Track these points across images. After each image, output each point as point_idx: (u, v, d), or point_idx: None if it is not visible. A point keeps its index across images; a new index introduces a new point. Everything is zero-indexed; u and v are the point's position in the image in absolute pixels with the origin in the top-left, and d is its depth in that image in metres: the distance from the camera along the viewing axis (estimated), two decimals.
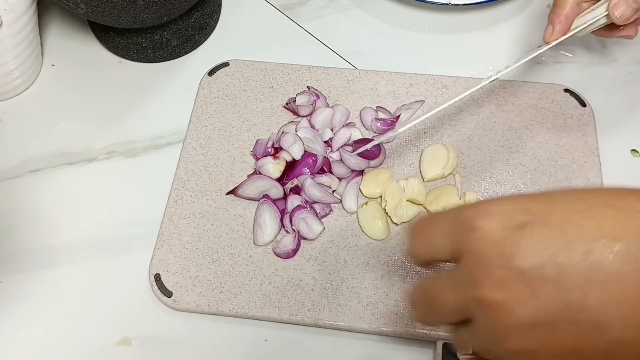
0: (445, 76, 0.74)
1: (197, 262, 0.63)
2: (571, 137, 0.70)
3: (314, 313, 0.60)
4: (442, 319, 0.41)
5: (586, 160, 0.68)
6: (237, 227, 0.65)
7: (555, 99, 0.72)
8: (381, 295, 0.61)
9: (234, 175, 0.69)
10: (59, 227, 0.67)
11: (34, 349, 0.61)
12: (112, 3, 0.67)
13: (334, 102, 0.73)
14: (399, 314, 0.60)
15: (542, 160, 0.68)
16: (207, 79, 0.76)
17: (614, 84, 0.75)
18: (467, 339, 0.40)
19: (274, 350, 0.60)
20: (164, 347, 0.60)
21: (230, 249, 0.64)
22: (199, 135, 0.71)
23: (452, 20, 0.82)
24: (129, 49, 0.78)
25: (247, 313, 0.60)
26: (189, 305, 0.61)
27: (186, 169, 0.69)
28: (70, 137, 0.73)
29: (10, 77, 0.74)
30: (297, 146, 0.68)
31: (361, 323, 0.60)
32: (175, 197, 0.67)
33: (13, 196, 0.69)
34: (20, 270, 0.65)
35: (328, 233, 0.65)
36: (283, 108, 0.73)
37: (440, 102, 0.71)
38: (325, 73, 0.75)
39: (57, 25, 0.83)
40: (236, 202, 0.67)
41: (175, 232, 0.65)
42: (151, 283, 0.62)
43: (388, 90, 0.74)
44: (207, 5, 0.81)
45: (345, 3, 0.85)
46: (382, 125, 0.70)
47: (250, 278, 0.62)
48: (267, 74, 0.76)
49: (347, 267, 0.63)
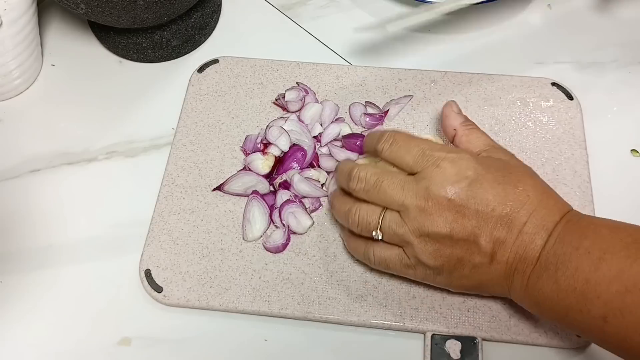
0: (434, 71, 0.72)
1: (188, 257, 0.62)
2: (558, 130, 0.67)
3: (304, 306, 0.58)
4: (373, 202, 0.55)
5: (573, 153, 0.66)
6: (227, 222, 0.63)
7: (542, 93, 0.70)
8: (370, 288, 0.59)
9: (223, 171, 0.67)
10: (59, 227, 0.65)
11: (34, 349, 0.59)
12: (112, 3, 0.66)
13: (323, 97, 0.71)
14: (387, 306, 0.58)
15: (529, 153, 0.66)
16: (197, 75, 0.74)
17: (613, 84, 0.73)
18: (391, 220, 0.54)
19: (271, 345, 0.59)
20: (164, 347, 0.59)
21: (220, 244, 0.62)
22: (189, 132, 0.69)
23: (452, 20, 0.79)
24: (129, 49, 0.76)
25: (237, 307, 0.59)
26: (179, 300, 0.59)
27: (176, 166, 0.67)
28: (70, 137, 0.71)
29: (10, 77, 0.72)
30: (283, 138, 0.66)
31: (350, 316, 0.58)
32: (165, 194, 0.65)
33: (13, 196, 0.68)
34: (20, 270, 0.63)
35: (317, 227, 0.63)
36: (272, 104, 0.71)
37: (428, 97, 0.69)
38: (314, 69, 0.73)
39: (57, 25, 0.81)
40: (226, 197, 0.65)
41: (166, 228, 0.63)
42: (141, 279, 0.60)
43: (377, 85, 0.72)
44: (207, 5, 0.79)
45: (345, 3, 0.82)
46: (371, 120, 0.68)
47: (240, 273, 0.61)
48: (256, 70, 0.74)
49: (336, 261, 0.61)
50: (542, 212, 0.51)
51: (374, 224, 0.54)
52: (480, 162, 0.53)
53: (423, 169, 0.53)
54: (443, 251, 0.52)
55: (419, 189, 0.52)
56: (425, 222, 0.51)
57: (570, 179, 0.64)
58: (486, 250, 0.51)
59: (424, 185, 0.52)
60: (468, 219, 0.51)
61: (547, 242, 0.50)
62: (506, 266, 0.51)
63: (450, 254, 0.52)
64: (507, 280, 0.52)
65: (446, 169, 0.52)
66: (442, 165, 0.52)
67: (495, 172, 0.52)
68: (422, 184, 0.52)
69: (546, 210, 0.51)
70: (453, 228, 0.51)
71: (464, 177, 0.51)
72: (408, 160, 0.54)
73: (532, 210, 0.51)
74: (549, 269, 0.49)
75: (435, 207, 0.51)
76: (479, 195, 0.51)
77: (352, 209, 0.56)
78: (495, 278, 0.52)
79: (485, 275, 0.53)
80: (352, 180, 0.56)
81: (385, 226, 0.54)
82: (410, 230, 0.52)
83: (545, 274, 0.49)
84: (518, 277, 0.51)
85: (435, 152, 0.53)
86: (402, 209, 0.53)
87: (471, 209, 0.51)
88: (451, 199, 0.51)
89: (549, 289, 0.49)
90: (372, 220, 0.54)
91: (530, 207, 0.51)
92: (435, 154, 0.53)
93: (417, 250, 0.53)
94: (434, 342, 0.56)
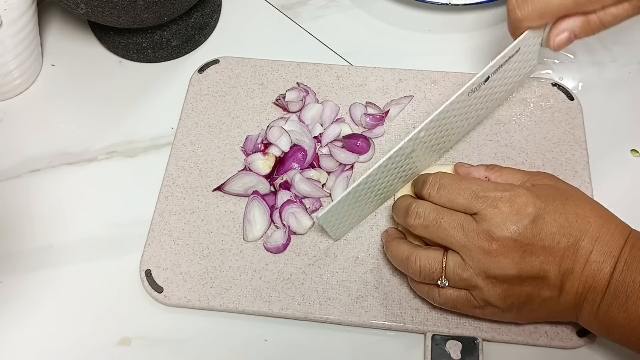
0: (435, 71, 0.72)
1: (188, 257, 0.61)
2: (559, 131, 0.67)
3: (304, 307, 0.58)
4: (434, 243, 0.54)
5: (574, 153, 0.65)
6: (227, 222, 0.63)
7: (543, 93, 0.69)
8: (370, 288, 0.59)
9: (224, 171, 0.66)
10: (59, 227, 0.65)
11: (34, 349, 0.59)
12: (112, 3, 0.65)
13: (323, 98, 0.71)
14: (388, 306, 0.58)
15: (530, 153, 0.66)
16: (197, 76, 0.73)
17: (613, 84, 0.72)
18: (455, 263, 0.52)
19: (271, 345, 0.58)
20: (163, 347, 0.58)
21: (221, 245, 0.62)
22: (189, 132, 0.69)
23: (452, 20, 0.79)
24: (129, 49, 0.76)
25: (238, 308, 0.58)
26: (180, 300, 0.59)
27: (176, 166, 0.67)
28: (70, 137, 0.71)
29: (10, 77, 0.72)
30: (284, 138, 0.66)
31: (351, 316, 0.58)
32: (166, 194, 0.65)
33: (13, 196, 0.67)
34: (20, 270, 0.63)
35: (318, 227, 0.62)
36: (273, 104, 0.71)
37: (429, 97, 0.69)
38: (314, 69, 0.73)
39: (57, 25, 0.81)
40: (226, 197, 0.65)
41: (166, 229, 0.63)
42: (142, 279, 0.60)
43: (377, 85, 0.71)
44: (207, 5, 0.79)
45: (345, 3, 0.82)
46: (372, 120, 0.68)
47: (240, 273, 0.60)
48: (257, 70, 0.73)
49: (337, 261, 0.61)
50: (605, 238, 0.49)
51: (437, 272, 0.52)
52: (536, 194, 0.51)
53: (479, 210, 0.51)
54: (512, 291, 0.51)
55: (480, 231, 0.50)
56: (490, 265, 0.50)
57: (570, 179, 0.63)
58: (555, 283, 0.50)
59: (485, 228, 0.50)
60: (536, 256, 0.49)
61: (614, 269, 0.49)
62: (575, 297, 0.50)
63: (520, 292, 0.51)
64: (576, 309, 0.51)
65: (504, 209, 0.50)
66: (499, 207, 0.50)
67: (554, 201, 0.51)
68: (483, 226, 0.50)
69: (609, 236, 0.50)
70: (521, 268, 0.49)
71: (526, 215, 0.50)
72: (461, 202, 0.52)
73: (596, 238, 0.49)
74: (619, 298, 0.48)
75: (500, 249, 0.50)
76: (544, 230, 0.50)
77: (411, 257, 0.54)
78: (564, 309, 0.52)
79: (555, 307, 0.52)
80: (410, 216, 0.54)
81: (449, 272, 0.52)
82: (476, 272, 0.51)
83: (615, 302, 0.48)
84: (587, 306, 0.50)
85: (489, 193, 0.51)
86: (464, 251, 0.51)
87: (538, 245, 0.49)
88: (516, 239, 0.49)
89: (620, 317, 0.48)
90: (435, 269, 0.52)
91: (593, 233, 0.50)
92: (489, 195, 0.51)
93: (485, 293, 0.51)
94: (435, 342, 0.56)
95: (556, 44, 0.58)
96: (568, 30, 0.57)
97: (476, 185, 0.52)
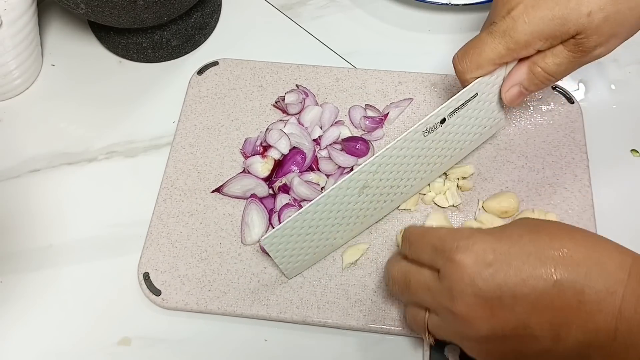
0: (434, 74, 0.70)
1: (186, 260, 0.60)
2: (559, 134, 0.66)
3: (303, 310, 0.57)
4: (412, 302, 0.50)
5: (574, 157, 0.64)
6: (225, 225, 0.62)
7: (543, 96, 0.68)
8: (369, 292, 0.58)
9: (222, 174, 0.65)
10: (59, 227, 0.64)
11: (34, 349, 0.58)
12: (112, 3, 0.64)
13: (323, 100, 0.70)
14: (387, 310, 0.57)
15: (529, 157, 0.64)
16: (197, 78, 0.72)
17: (613, 84, 0.71)
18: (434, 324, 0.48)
19: (271, 348, 0.57)
20: (163, 348, 0.58)
21: (219, 247, 0.61)
22: (188, 134, 0.68)
23: (452, 20, 0.78)
24: (129, 49, 0.75)
25: (236, 311, 0.57)
26: (178, 303, 0.58)
27: (175, 168, 0.66)
28: (70, 137, 0.70)
29: (10, 77, 0.71)
30: (283, 141, 0.65)
31: (349, 320, 0.57)
32: (164, 196, 0.64)
33: (13, 196, 0.66)
34: (20, 270, 0.62)
35: None
36: (272, 107, 0.70)
37: (428, 100, 0.68)
38: (314, 71, 0.72)
39: (57, 25, 0.80)
40: (225, 200, 0.64)
41: (164, 231, 0.62)
42: (140, 282, 0.59)
43: (377, 88, 0.70)
44: (207, 5, 0.78)
45: (345, 3, 0.81)
46: (371, 123, 0.67)
47: (239, 276, 0.59)
48: (256, 72, 0.72)
49: (335, 265, 0.60)
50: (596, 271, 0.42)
51: (422, 330, 0.49)
52: (498, 235, 0.45)
53: (440, 267, 0.45)
54: (495, 350, 0.45)
55: (442, 290, 0.45)
56: (460, 328, 0.45)
57: (570, 183, 0.62)
58: (544, 334, 0.43)
59: (447, 286, 0.44)
60: (508, 309, 0.42)
61: (621, 308, 0.41)
62: (578, 344, 0.42)
63: (504, 350, 0.45)
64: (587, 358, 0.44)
65: (461, 261, 0.43)
66: (456, 259, 0.44)
67: (520, 239, 0.44)
68: (445, 285, 0.45)
69: (600, 268, 0.42)
70: (494, 326, 0.43)
71: (485, 265, 0.43)
72: (426, 259, 0.47)
73: (584, 273, 0.42)
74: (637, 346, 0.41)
75: (465, 309, 0.43)
76: (510, 278, 0.42)
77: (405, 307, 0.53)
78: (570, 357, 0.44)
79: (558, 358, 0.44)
80: (390, 282, 0.52)
81: (432, 330, 0.48)
82: (452, 333, 0.47)
83: (632, 350, 0.41)
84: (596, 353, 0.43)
85: (446, 244, 0.45)
86: (437, 312, 0.47)
87: (507, 296, 0.42)
88: (478, 294, 0.43)
89: None
90: (419, 326, 0.49)
91: (580, 269, 0.42)
92: (446, 246, 0.45)
93: (470, 352, 0.47)
94: (433, 347, 0.54)
95: (508, 98, 0.57)
96: (517, 83, 0.56)
97: (435, 237, 0.46)
